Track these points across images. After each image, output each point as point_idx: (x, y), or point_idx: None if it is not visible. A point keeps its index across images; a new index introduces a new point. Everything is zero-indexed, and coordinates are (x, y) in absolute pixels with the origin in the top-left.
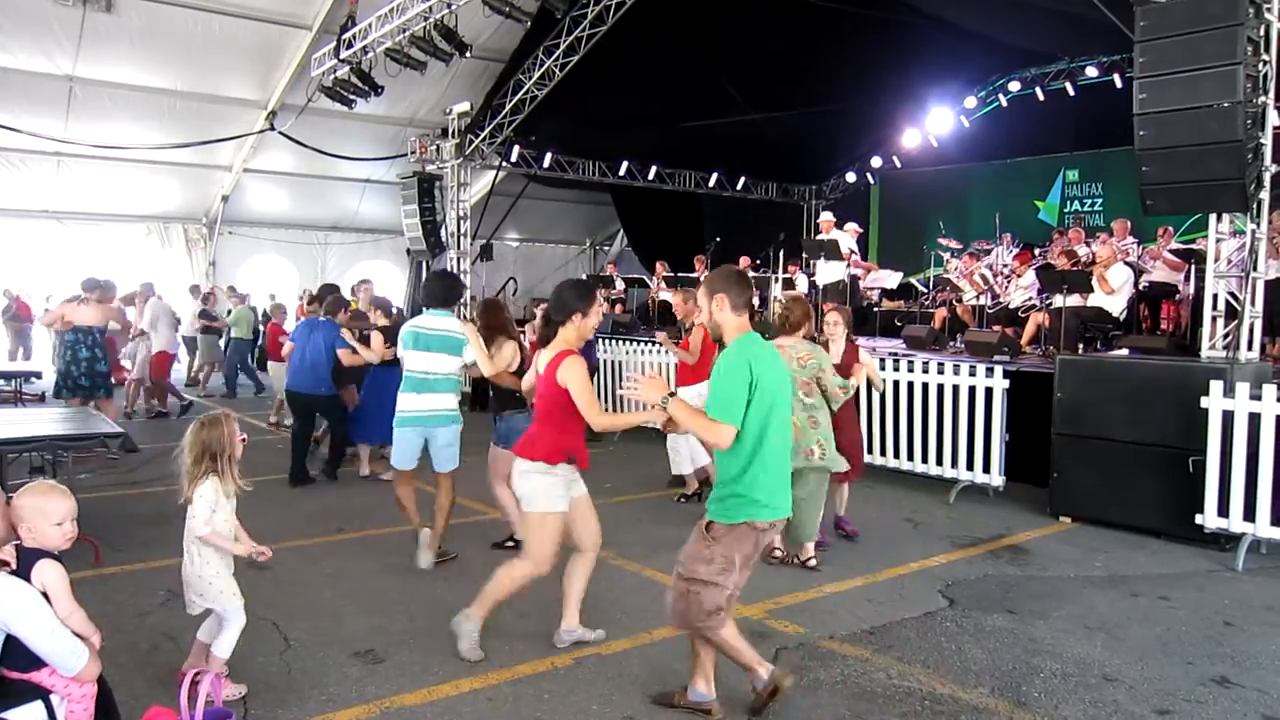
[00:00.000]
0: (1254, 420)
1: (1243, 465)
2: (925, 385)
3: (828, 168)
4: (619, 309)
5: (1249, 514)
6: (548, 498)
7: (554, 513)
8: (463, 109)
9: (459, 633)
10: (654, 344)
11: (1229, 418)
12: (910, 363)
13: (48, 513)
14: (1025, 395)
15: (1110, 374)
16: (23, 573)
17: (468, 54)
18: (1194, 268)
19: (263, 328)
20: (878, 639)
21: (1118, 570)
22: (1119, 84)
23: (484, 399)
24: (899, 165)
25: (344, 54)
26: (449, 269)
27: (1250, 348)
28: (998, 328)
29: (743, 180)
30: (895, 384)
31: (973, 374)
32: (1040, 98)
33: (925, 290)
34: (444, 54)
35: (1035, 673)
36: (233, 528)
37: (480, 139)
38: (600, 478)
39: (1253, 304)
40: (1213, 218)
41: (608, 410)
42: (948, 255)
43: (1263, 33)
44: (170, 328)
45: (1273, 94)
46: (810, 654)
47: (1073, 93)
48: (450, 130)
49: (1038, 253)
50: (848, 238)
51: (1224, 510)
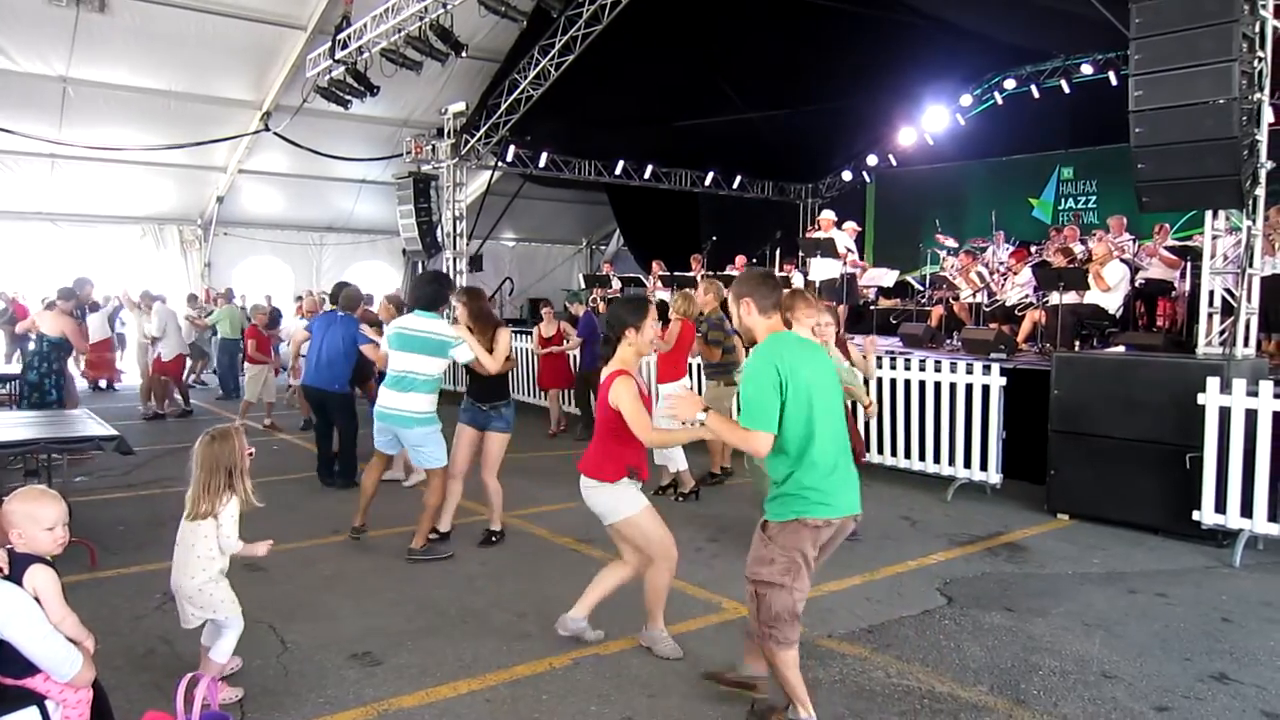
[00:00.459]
0: (1250, 416)
1: (1239, 461)
2: (922, 383)
3: (824, 166)
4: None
5: (1246, 510)
6: (626, 502)
7: (641, 510)
8: (458, 109)
9: (653, 642)
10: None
11: (1226, 414)
12: (907, 361)
13: (38, 518)
14: (1022, 393)
15: (1107, 371)
16: (15, 578)
17: (463, 54)
18: (1190, 264)
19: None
20: (876, 637)
21: (1115, 567)
22: (1114, 81)
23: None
24: (895, 164)
25: (339, 54)
26: (441, 270)
27: (1246, 344)
28: (994, 325)
29: (739, 179)
30: (892, 382)
31: (969, 372)
32: (1035, 95)
33: (922, 288)
34: (439, 54)
35: (1034, 670)
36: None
37: (476, 139)
38: None
39: (1249, 300)
40: (1208, 214)
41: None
42: (944, 253)
43: (1258, 29)
44: (178, 333)
45: (1268, 90)
46: (809, 653)
47: (1068, 90)
48: (446, 130)
49: (1034, 250)
50: (845, 236)
51: (1221, 506)
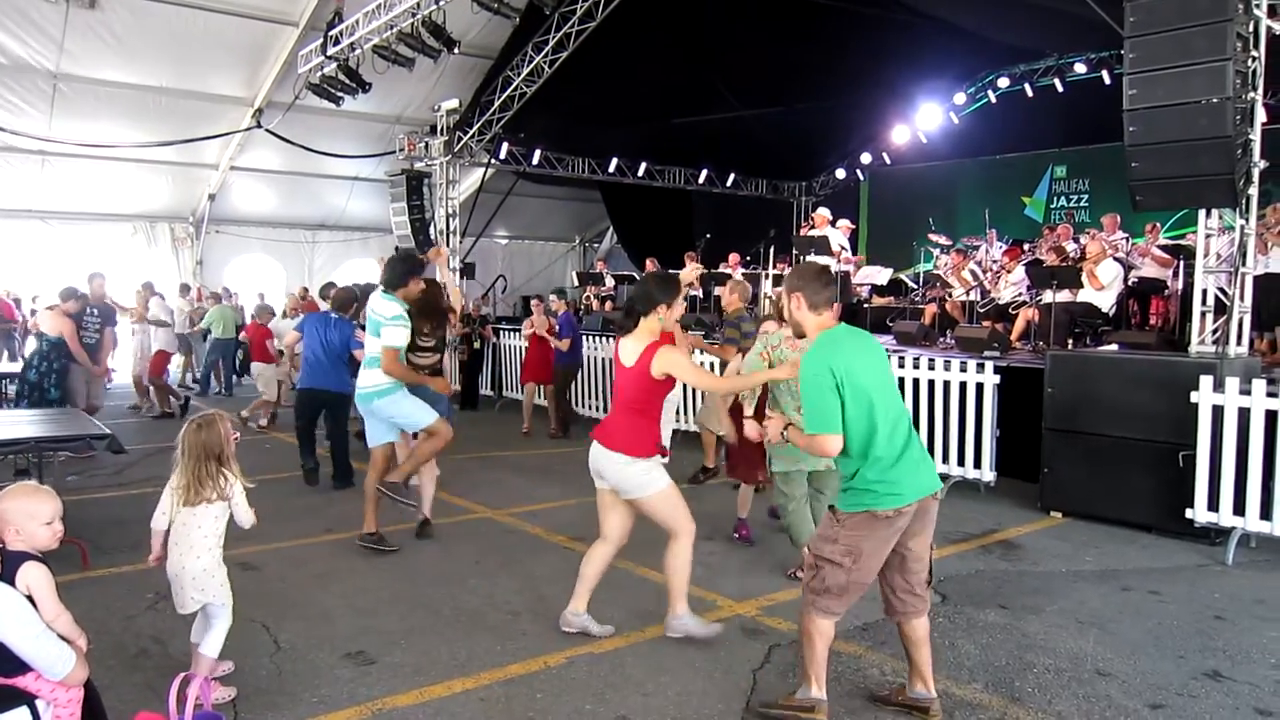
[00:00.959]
0: (1243, 415)
1: (1232, 460)
2: (916, 381)
3: (818, 164)
4: (609, 306)
5: (1239, 508)
6: (658, 477)
7: (669, 484)
8: (451, 106)
9: (683, 628)
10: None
11: (1219, 412)
12: (901, 359)
13: (35, 514)
14: (1016, 391)
15: (1100, 369)
16: (7, 576)
17: (456, 50)
18: (1182, 263)
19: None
20: (870, 635)
21: (1109, 565)
22: (1107, 80)
23: (473, 396)
24: (889, 162)
25: (331, 51)
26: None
27: (1239, 343)
28: (988, 323)
29: (732, 177)
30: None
31: (963, 370)
32: (1029, 94)
33: (915, 286)
34: (432, 50)
35: (1028, 668)
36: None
37: (469, 136)
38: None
39: (1241, 299)
40: (1202, 213)
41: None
42: (937, 251)
43: (1252, 29)
44: (170, 328)
45: (1261, 90)
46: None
47: (1061, 89)
48: (439, 127)
49: (1027, 248)
50: (839, 234)
51: (1214, 504)
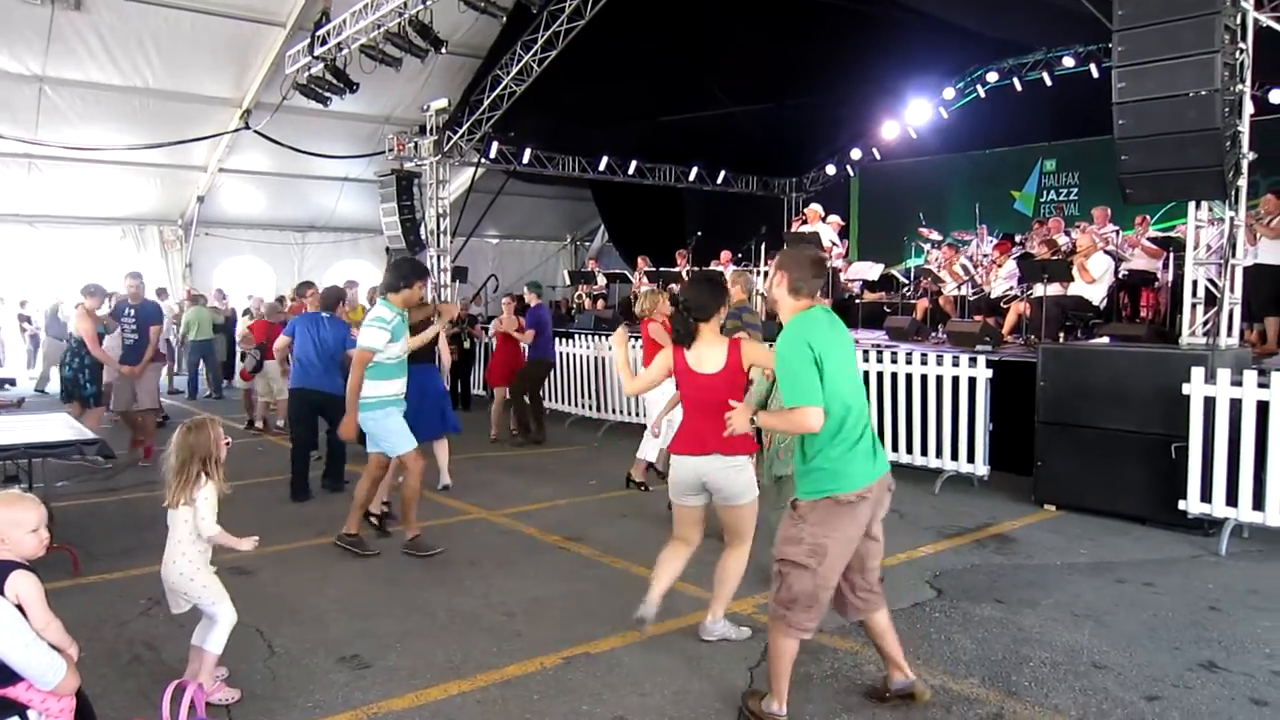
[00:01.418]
0: (1235, 406)
1: (1224, 451)
2: (909, 376)
3: (808, 160)
4: (600, 304)
5: (1231, 499)
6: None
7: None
8: (440, 105)
9: (721, 632)
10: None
11: (1210, 404)
12: (893, 354)
13: (21, 521)
14: (1008, 385)
15: (1092, 362)
16: None
17: (444, 50)
18: (1172, 255)
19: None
20: (864, 631)
21: (1103, 557)
22: (1095, 74)
23: (465, 396)
24: (878, 157)
25: (318, 51)
26: (414, 258)
27: (1230, 334)
28: (979, 318)
29: (723, 174)
30: (879, 375)
31: (956, 364)
32: (1018, 88)
33: (906, 281)
34: (419, 50)
35: (1025, 662)
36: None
37: (459, 136)
38: (585, 474)
39: (1232, 291)
40: (1191, 205)
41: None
42: (928, 246)
43: (1239, 21)
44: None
45: (1249, 82)
46: (800, 647)
47: (1050, 83)
48: (428, 127)
49: (1018, 239)
50: (830, 230)
51: (1207, 495)
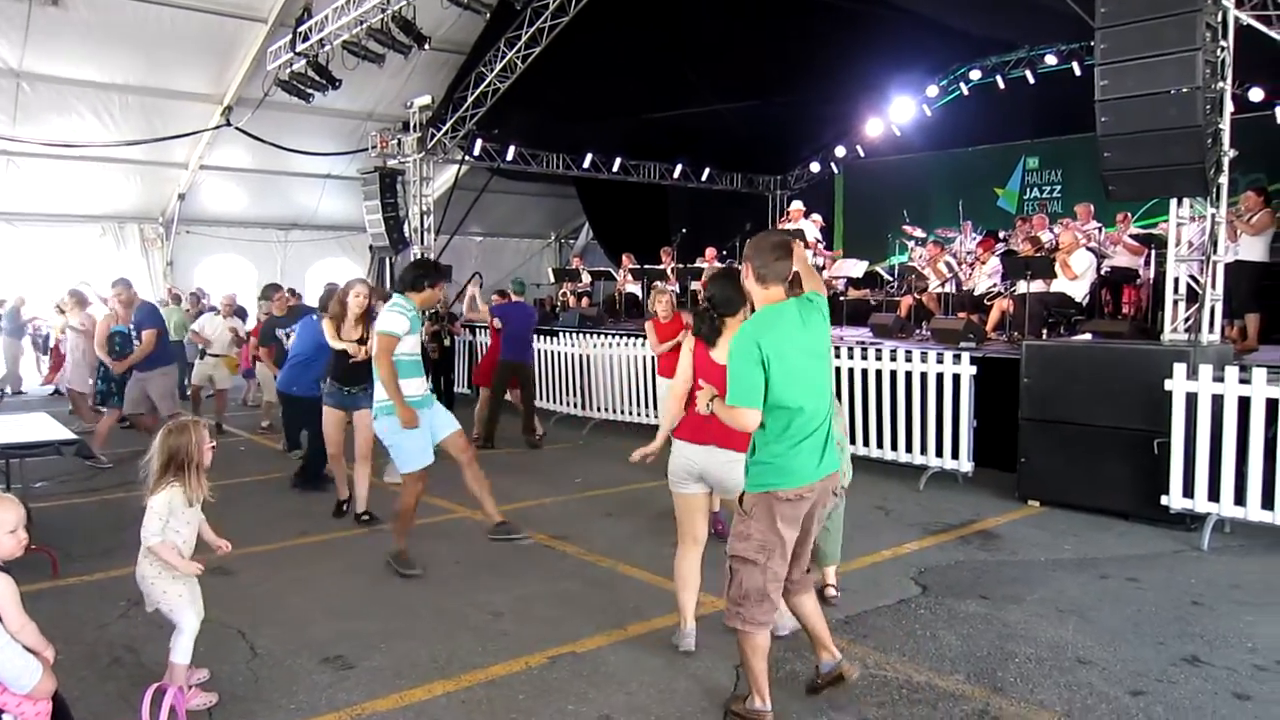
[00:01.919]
0: (1216, 401)
1: (1206, 446)
2: (893, 373)
3: (792, 158)
4: (585, 302)
5: (1213, 494)
6: None
7: None
8: (424, 102)
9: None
10: (623, 336)
11: (1192, 399)
12: (878, 351)
13: (0, 522)
14: (992, 381)
15: (1076, 359)
16: None
17: (426, 46)
18: (1153, 252)
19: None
20: (853, 628)
21: (1087, 553)
22: (1078, 71)
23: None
24: (862, 154)
25: (300, 47)
26: (429, 259)
27: (1211, 330)
28: (963, 314)
29: (707, 171)
30: (864, 373)
31: (940, 361)
32: (1001, 86)
33: (891, 279)
34: (402, 46)
35: (1010, 658)
36: (190, 537)
37: (442, 133)
38: (570, 472)
39: (1213, 287)
40: (1173, 202)
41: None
42: (912, 243)
43: (1220, 19)
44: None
45: (1230, 79)
46: (786, 645)
47: (1032, 81)
48: (412, 124)
49: (1002, 236)
50: (813, 227)
51: (1189, 491)
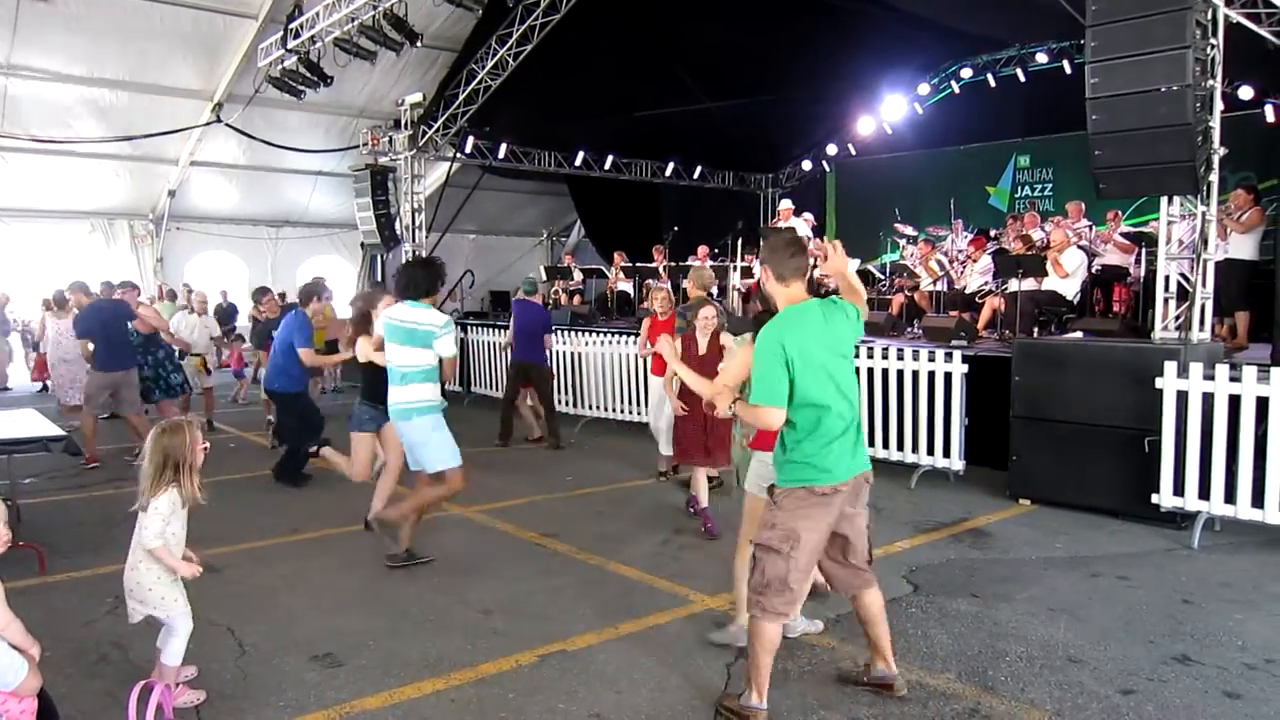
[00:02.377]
0: (1207, 400)
1: (1197, 444)
2: (885, 371)
3: (784, 156)
4: (577, 300)
5: (1204, 492)
6: None
7: None
8: (415, 99)
9: (727, 639)
10: (615, 334)
11: (1183, 398)
12: (869, 349)
13: None
14: (983, 379)
15: (1067, 357)
16: None
17: (418, 43)
18: (1144, 250)
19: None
20: (844, 627)
21: (1078, 551)
22: (1068, 70)
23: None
24: (854, 153)
25: (291, 44)
26: (434, 257)
27: (1202, 328)
28: (954, 313)
29: (699, 170)
30: (855, 370)
31: (931, 359)
32: (992, 84)
33: (882, 277)
34: (394, 43)
35: (1001, 656)
36: (182, 539)
37: (434, 130)
38: (561, 471)
39: (1204, 285)
40: (1164, 200)
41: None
42: (904, 242)
43: (1210, 17)
44: None
45: (1220, 77)
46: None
47: (1023, 79)
48: (403, 121)
49: (993, 234)
50: (804, 226)
51: (1179, 489)
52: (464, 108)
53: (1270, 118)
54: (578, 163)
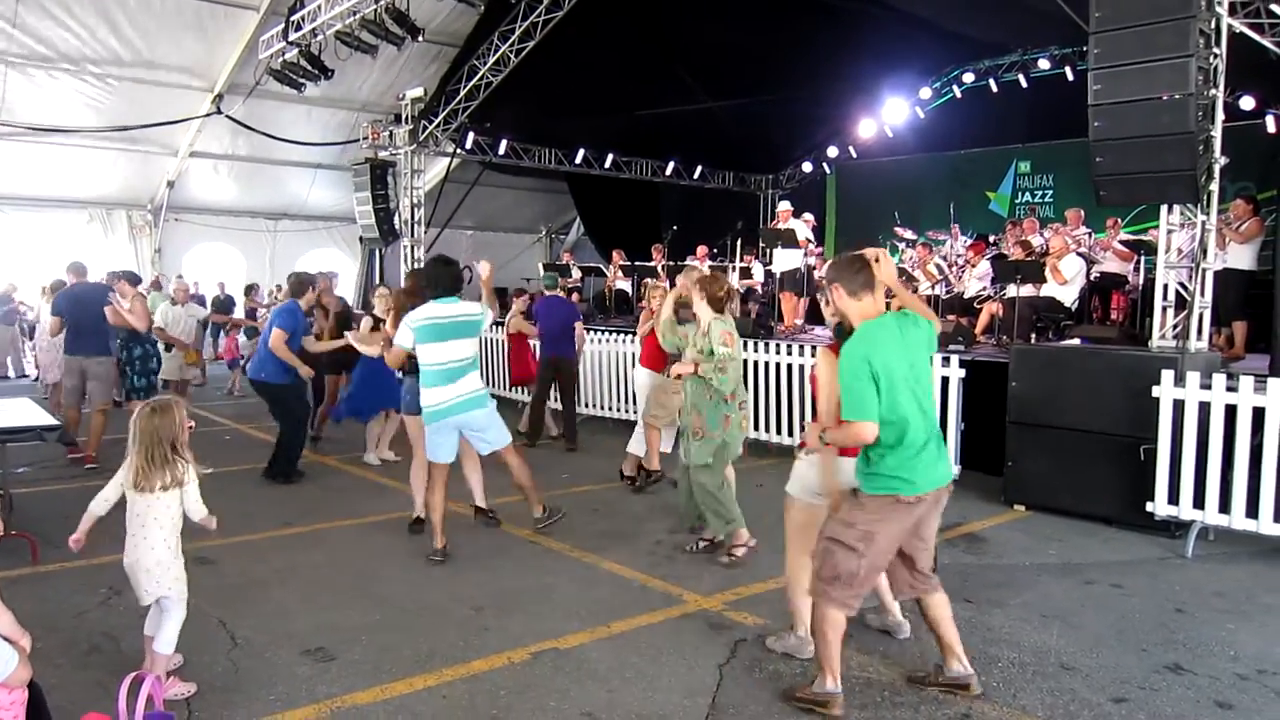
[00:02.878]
0: (1204, 409)
1: (1192, 454)
2: None
3: (784, 157)
4: (575, 298)
5: (1198, 501)
6: None
7: None
8: (416, 94)
9: (788, 648)
10: (613, 333)
11: (1179, 407)
12: None
13: None
14: (980, 385)
15: (1064, 364)
16: None
17: (420, 38)
18: (1142, 258)
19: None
20: None
21: (1072, 558)
22: (1070, 76)
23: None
24: (855, 155)
25: (293, 36)
26: (446, 255)
27: (1199, 337)
28: (952, 317)
29: (699, 169)
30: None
31: (929, 364)
32: (993, 89)
33: None
34: (395, 38)
35: (993, 662)
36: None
37: (434, 125)
38: (557, 469)
39: (1202, 294)
40: (1163, 209)
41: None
42: (902, 245)
43: (1214, 26)
44: None
45: (1222, 87)
46: (771, 646)
47: (1025, 85)
48: (403, 116)
49: (992, 240)
50: (804, 227)
51: (1174, 498)
52: (465, 103)
53: (1271, 128)
54: (578, 160)
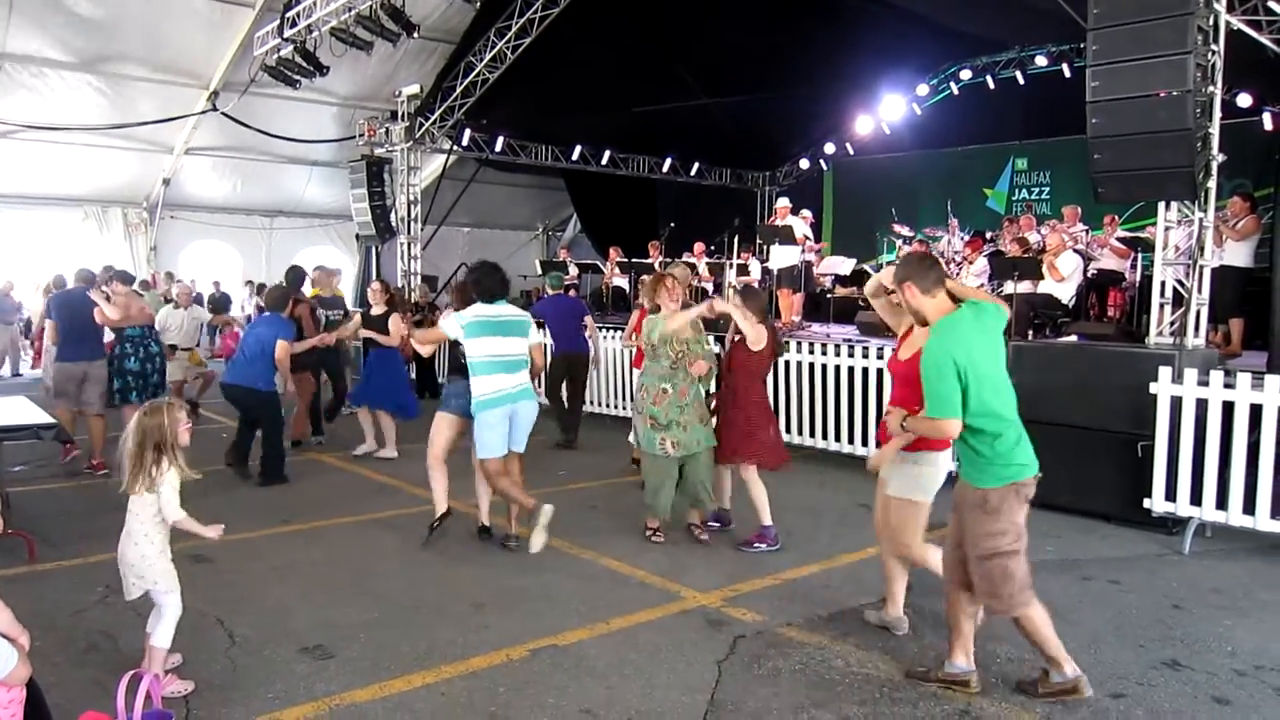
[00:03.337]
0: (1201, 406)
1: (1190, 450)
2: (880, 371)
3: (782, 154)
4: (571, 294)
5: (1195, 498)
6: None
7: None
8: (412, 91)
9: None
10: (610, 330)
11: (1177, 403)
12: (865, 348)
13: None
14: None
15: (1062, 360)
16: None
17: (415, 34)
18: (1139, 255)
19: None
20: (836, 626)
21: (1069, 554)
22: (1068, 73)
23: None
24: (852, 152)
25: (288, 33)
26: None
27: (1197, 334)
28: None
29: (697, 166)
30: (850, 370)
31: None
32: (991, 86)
33: None
34: (391, 34)
35: (991, 658)
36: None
37: (430, 122)
38: (555, 465)
39: (1199, 291)
40: (1161, 206)
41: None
42: (900, 242)
43: (1212, 23)
44: None
45: (1220, 84)
46: (769, 642)
47: (1022, 82)
48: (400, 113)
49: (989, 236)
50: (802, 224)
51: (1171, 494)
52: (461, 100)
53: (1268, 125)
54: (575, 157)
